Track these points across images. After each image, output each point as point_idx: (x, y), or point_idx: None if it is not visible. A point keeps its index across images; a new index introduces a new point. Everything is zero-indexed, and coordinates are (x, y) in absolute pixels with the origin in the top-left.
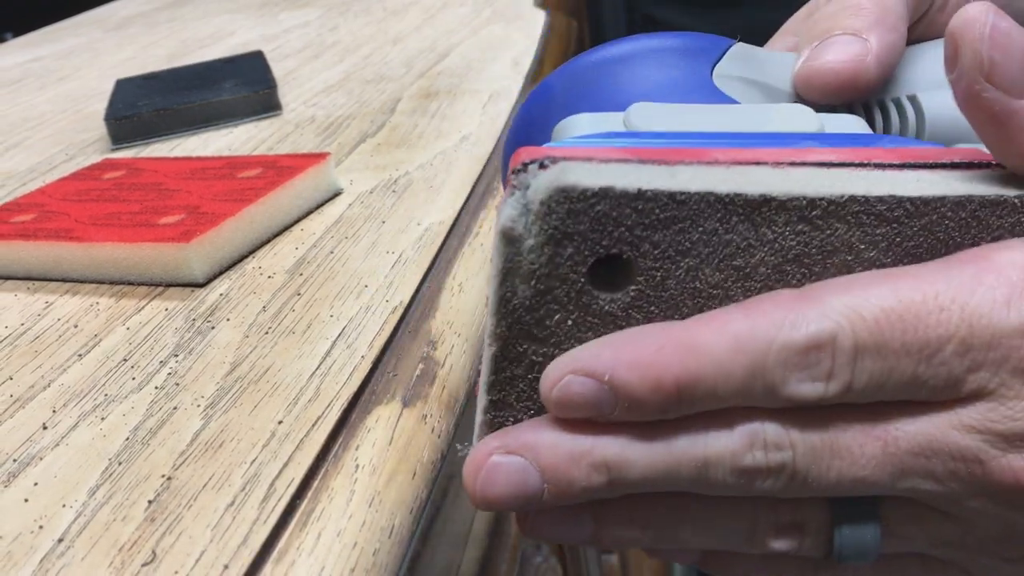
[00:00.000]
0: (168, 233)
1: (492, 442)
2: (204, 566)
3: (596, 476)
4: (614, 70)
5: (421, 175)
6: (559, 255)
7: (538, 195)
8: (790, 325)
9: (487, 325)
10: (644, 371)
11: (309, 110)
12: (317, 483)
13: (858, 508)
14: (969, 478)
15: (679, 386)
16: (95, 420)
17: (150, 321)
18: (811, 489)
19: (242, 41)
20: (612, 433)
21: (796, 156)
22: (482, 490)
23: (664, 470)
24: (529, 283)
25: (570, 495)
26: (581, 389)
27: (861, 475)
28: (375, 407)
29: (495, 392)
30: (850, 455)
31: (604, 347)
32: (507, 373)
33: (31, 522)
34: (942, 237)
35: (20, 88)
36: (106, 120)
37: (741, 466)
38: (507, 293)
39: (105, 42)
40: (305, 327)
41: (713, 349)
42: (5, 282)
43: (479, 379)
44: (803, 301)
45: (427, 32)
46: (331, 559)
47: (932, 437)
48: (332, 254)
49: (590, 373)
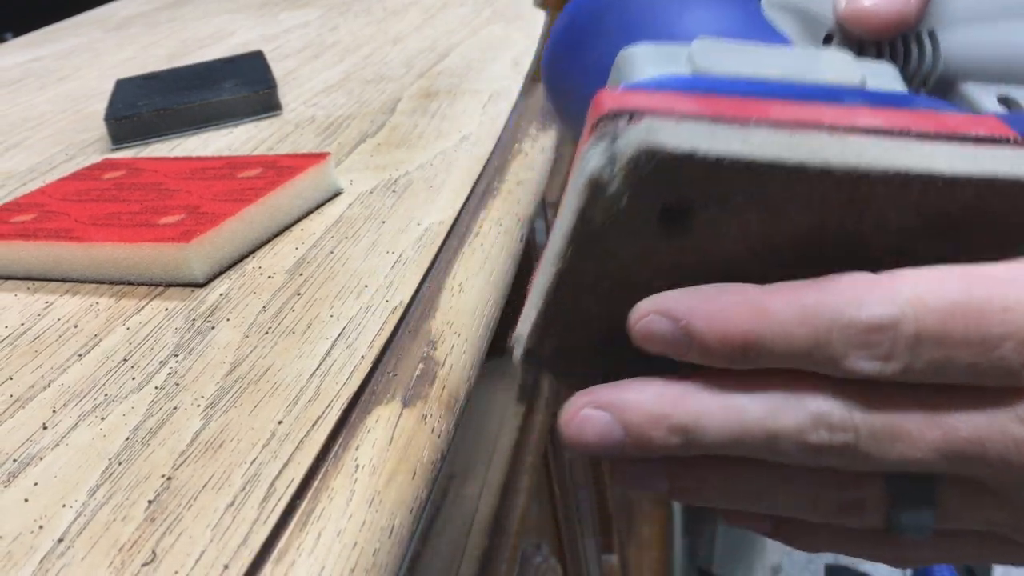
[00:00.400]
0: (168, 233)
1: (584, 397)
2: (204, 566)
3: (672, 437)
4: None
5: (421, 175)
6: (635, 202)
7: (627, 150)
8: (856, 305)
9: (554, 242)
10: (715, 324)
11: (309, 110)
12: (317, 483)
13: (915, 487)
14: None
15: (745, 342)
16: (95, 420)
17: (150, 321)
18: (872, 466)
19: (242, 41)
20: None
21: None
22: (574, 437)
23: (735, 438)
24: (603, 222)
25: (649, 451)
26: (660, 327)
27: (920, 457)
28: (375, 407)
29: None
30: (910, 439)
31: (687, 296)
32: (568, 286)
33: (31, 522)
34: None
35: (20, 88)
36: (106, 120)
37: (807, 442)
38: (582, 220)
39: (105, 42)
40: (305, 327)
41: (781, 316)
42: (5, 282)
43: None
44: (875, 284)
45: (427, 32)
46: (331, 559)
47: (990, 427)
48: (332, 254)
49: (670, 315)
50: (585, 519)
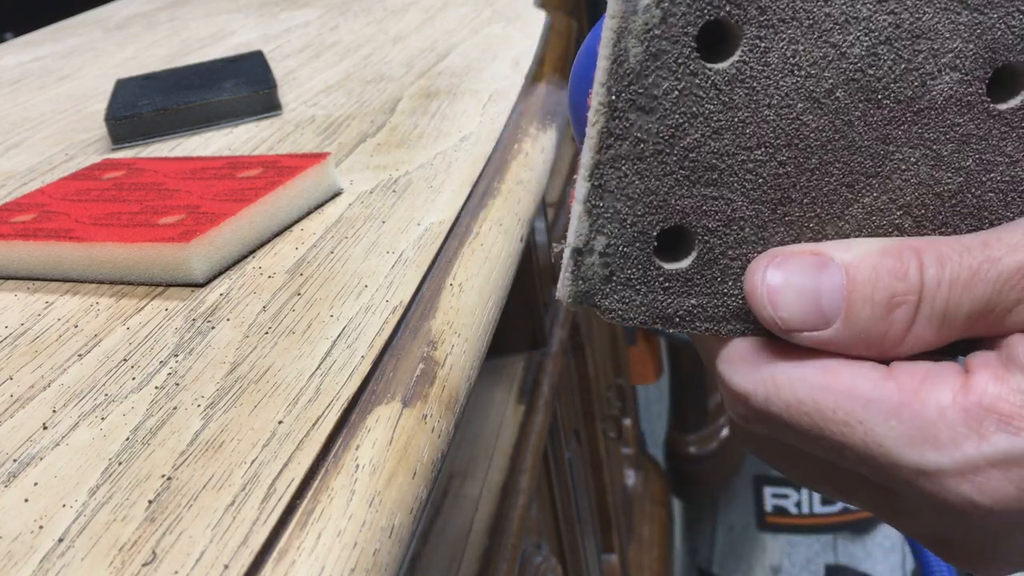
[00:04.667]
0: (168, 233)
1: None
2: (204, 566)
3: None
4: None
5: (421, 175)
6: (672, 12)
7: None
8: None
9: (593, 101)
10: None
11: (309, 110)
12: (317, 483)
13: None
14: None
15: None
16: (95, 420)
17: (150, 321)
18: None
19: (242, 41)
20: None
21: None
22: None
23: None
24: (642, 44)
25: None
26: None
27: None
28: (375, 407)
29: (597, 176)
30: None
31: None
32: (611, 152)
33: (31, 522)
34: (1019, 31)
35: (20, 88)
36: (106, 120)
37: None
38: (619, 55)
39: (105, 42)
40: (305, 327)
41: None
42: (5, 282)
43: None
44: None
45: (427, 32)
46: (331, 559)
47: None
48: (332, 254)
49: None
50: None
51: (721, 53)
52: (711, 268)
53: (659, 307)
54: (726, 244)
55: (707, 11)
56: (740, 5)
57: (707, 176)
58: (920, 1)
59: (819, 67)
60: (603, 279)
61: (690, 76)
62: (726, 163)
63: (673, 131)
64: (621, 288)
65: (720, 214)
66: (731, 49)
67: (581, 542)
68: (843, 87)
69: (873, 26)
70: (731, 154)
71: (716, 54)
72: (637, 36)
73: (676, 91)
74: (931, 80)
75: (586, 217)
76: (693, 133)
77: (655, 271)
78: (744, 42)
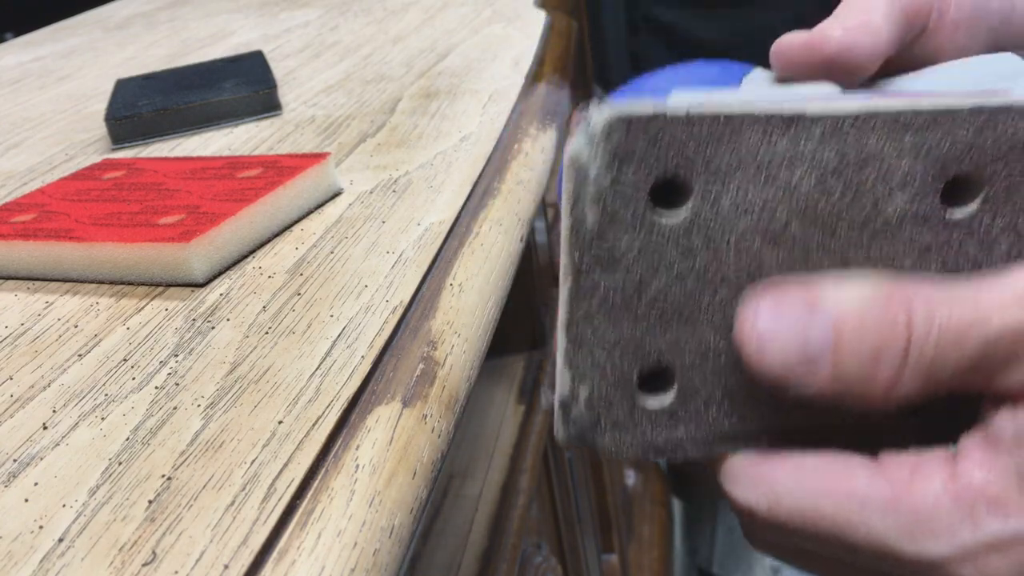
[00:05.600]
0: (168, 233)
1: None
2: (204, 566)
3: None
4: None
5: (421, 175)
6: (622, 175)
7: (599, 123)
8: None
9: (561, 265)
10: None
11: (309, 110)
12: (317, 483)
13: None
14: None
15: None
16: (95, 420)
17: (150, 321)
18: None
19: (242, 41)
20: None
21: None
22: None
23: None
24: (597, 207)
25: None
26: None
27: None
28: (375, 407)
29: (572, 331)
30: None
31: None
32: (583, 309)
33: (31, 522)
34: (963, 144)
35: (20, 88)
36: (106, 120)
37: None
38: (577, 219)
39: (106, 42)
40: (305, 327)
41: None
42: (5, 282)
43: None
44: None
45: (427, 32)
46: (331, 559)
47: None
48: (332, 254)
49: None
50: (585, 519)
51: (675, 204)
52: (694, 399)
53: (649, 441)
54: (705, 375)
55: (655, 172)
56: (685, 161)
57: (677, 317)
58: (862, 131)
59: (771, 206)
60: (591, 424)
61: (647, 231)
62: (694, 303)
63: (638, 282)
64: (611, 429)
65: (695, 350)
66: (684, 200)
67: (581, 542)
68: (797, 219)
69: (818, 161)
70: (697, 294)
71: (670, 205)
72: (591, 201)
73: (636, 246)
74: (883, 201)
75: (567, 370)
76: (658, 281)
77: (640, 411)
78: (695, 193)
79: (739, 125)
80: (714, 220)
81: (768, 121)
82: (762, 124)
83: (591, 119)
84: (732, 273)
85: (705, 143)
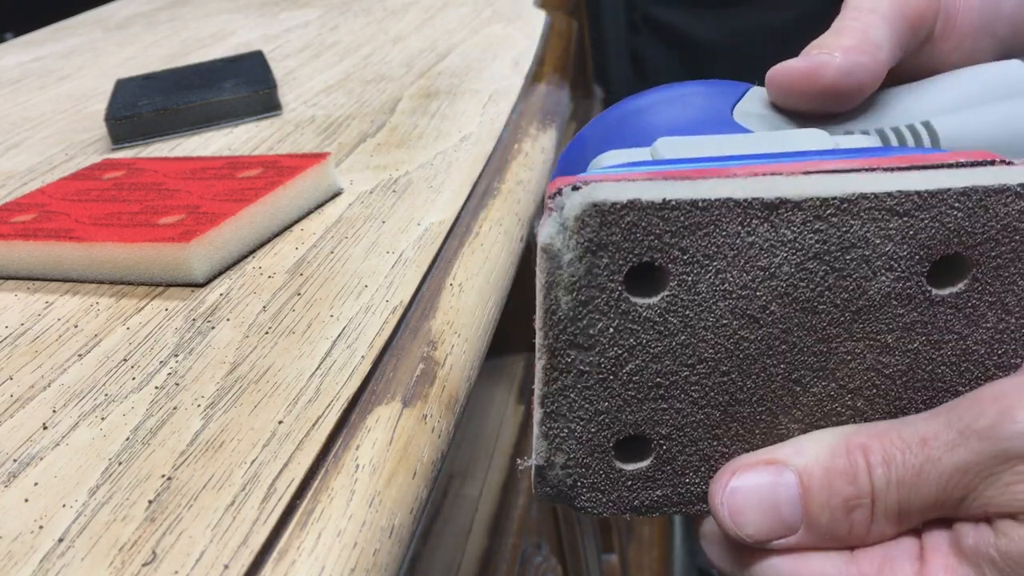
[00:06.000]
0: (168, 233)
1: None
2: (204, 566)
3: None
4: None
5: (421, 175)
6: (596, 265)
7: (572, 211)
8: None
9: (536, 340)
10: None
11: (309, 110)
12: (317, 483)
13: None
14: None
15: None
16: (95, 420)
17: (150, 321)
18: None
19: (242, 41)
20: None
21: (810, 167)
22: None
23: None
24: (571, 294)
25: None
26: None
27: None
28: (375, 407)
29: (548, 404)
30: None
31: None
32: (557, 384)
33: (31, 522)
34: (952, 227)
35: (20, 88)
36: (106, 120)
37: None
38: (551, 305)
39: (106, 42)
40: (305, 327)
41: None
42: (5, 282)
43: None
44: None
45: (427, 32)
46: (331, 559)
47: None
48: (332, 254)
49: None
50: (585, 519)
51: (651, 289)
52: (671, 465)
53: (627, 501)
54: (682, 444)
55: (630, 259)
56: (662, 250)
57: (653, 393)
58: (846, 216)
59: (750, 289)
60: (569, 487)
61: (622, 315)
62: (670, 380)
63: (614, 361)
64: (587, 491)
65: (671, 422)
66: (660, 286)
67: (581, 542)
68: (776, 302)
69: (800, 245)
70: (673, 372)
71: (646, 290)
72: (565, 288)
73: (611, 328)
74: (867, 282)
75: (543, 439)
76: (634, 361)
77: (616, 474)
78: (671, 278)
79: (718, 213)
80: (691, 303)
81: (749, 206)
82: (742, 210)
83: (564, 206)
84: (710, 352)
85: (681, 231)
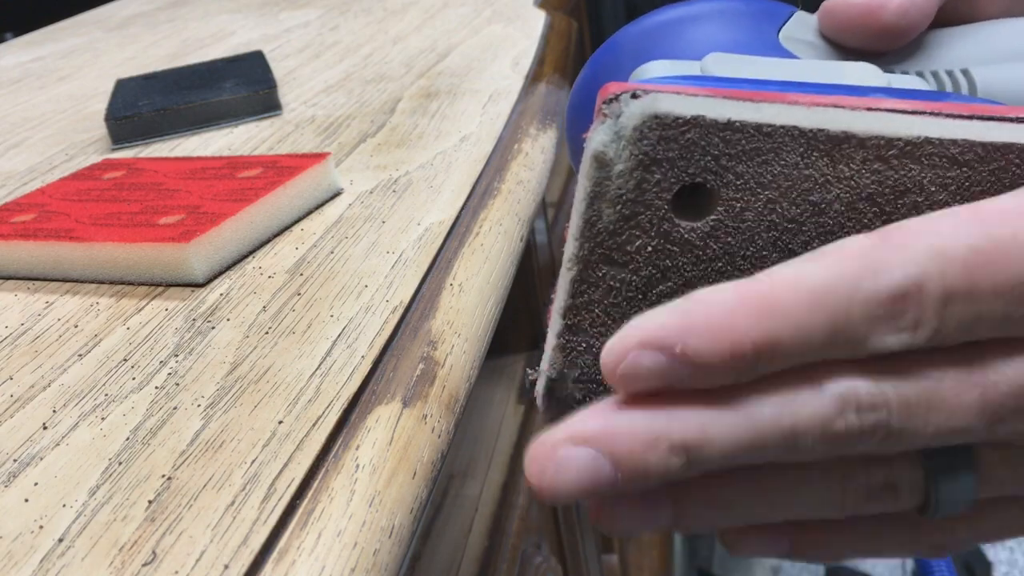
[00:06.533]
0: (168, 233)
1: (557, 434)
2: (204, 566)
3: (673, 459)
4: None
5: (421, 175)
6: (647, 180)
7: (631, 121)
8: (872, 274)
9: (568, 249)
10: (718, 337)
11: (309, 110)
12: (317, 483)
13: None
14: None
15: (757, 349)
16: (95, 420)
17: (150, 321)
18: (907, 444)
19: (242, 41)
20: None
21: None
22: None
23: (748, 445)
24: (615, 207)
25: (645, 481)
26: (651, 363)
27: (960, 425)
28: (375, 407)
29: (571, 317)
30: (947, 406)
31: (672, 315)
32: (584, 297)
33: (31, 522)
34: (1008, 183)
35: (20, 88)
36: (106, 120)
37: (833, 431)
38: (592, 216)
39: (106, 42)
40: (305, 327)
41: (790, 308)
42: (5, 282)
43: (551, 305)
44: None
45: (427, 32)
46: (331, 559)
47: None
48: (332, 254)
49: (660, 346)
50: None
51: (697, 211)
52: None
53: None
54: None
55: (682, 178)
56: (717, 172)
57: None
58: (906, 160)
59: (796, 223)
60: (578, 401)
61: (663, 235)
62: None
63: (646, 281)
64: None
65: None
66: (707, 209)
67: (581, 542)
68: (819, 239)
69: (855, 184)
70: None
71: (691, 212)
72: (611, 200)
73: (649, 248)
74: None
75: (559, 351)
76: (666, 282)
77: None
78: (720, 203)
79: (780, 140)
80: (735, 231)
81: (813, 138)
82: (806, 140)
83: (621, 113)
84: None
85: (740, 155)
